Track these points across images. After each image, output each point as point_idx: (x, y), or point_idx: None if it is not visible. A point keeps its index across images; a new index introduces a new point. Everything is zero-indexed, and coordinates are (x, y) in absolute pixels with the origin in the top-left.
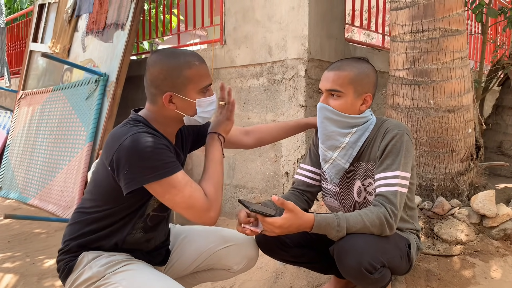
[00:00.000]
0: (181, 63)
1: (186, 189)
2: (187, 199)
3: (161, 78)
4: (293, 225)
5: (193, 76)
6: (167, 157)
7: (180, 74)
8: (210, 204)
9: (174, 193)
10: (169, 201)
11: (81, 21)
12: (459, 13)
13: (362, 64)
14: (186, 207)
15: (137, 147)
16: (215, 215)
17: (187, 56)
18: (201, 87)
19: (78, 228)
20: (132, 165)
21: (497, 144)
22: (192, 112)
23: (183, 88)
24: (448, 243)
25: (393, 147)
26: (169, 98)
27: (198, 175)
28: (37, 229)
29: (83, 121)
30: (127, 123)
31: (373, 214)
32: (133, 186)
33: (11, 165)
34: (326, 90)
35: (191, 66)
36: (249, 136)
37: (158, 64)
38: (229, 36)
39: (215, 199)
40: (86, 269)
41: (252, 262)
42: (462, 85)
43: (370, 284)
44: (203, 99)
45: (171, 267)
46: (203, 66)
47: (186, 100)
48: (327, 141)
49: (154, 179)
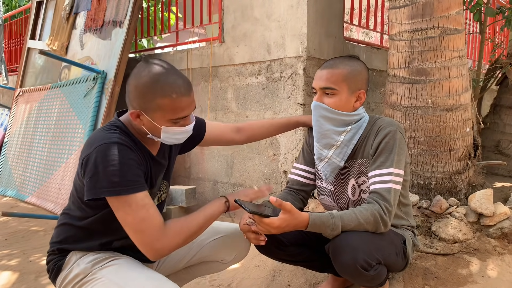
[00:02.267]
0: (157, 90)
1: (141, 212)
2: (139, 222)
3: (134, 94)
4: (289, 225)
5: (166, 106)
6: (131, 174)
7: (152, 100)
8: (162, 237)
9: (128, 212)
10: (120, 218)
11: (79, 18)
12: (458, 12)
13: (354, 62)
14: (135, 230)
15: (105, 157)
16: (162, 248)
17: (167, 84)
18: (172, 118)
19: (64, 230)
20: (96, 174)
21: (494, 143)
22: (158, 135)
23: (152, 113)
24: (446, 241)
25: (386, 145)
26: (136, 114)
27: (196, 174)
28: (35, 227)
29: (81, 119)
30: (105, 127)
31: (367, 212)
32: (91, 195)
33: (8, 163)
34: (320, 89)
35: (166, 97)
36: (240, 133)
37: (137, 79)
38: (227, 34)
39: (171, 237)
40: (74, 267)
41: (244, 252)
42: (460, 84)
43: (366, 281)
44: (170, 128)
45: (163, 263)
46: (182, 99)
47: (152, 123)
48: (322, 140)
49: (112, 193)
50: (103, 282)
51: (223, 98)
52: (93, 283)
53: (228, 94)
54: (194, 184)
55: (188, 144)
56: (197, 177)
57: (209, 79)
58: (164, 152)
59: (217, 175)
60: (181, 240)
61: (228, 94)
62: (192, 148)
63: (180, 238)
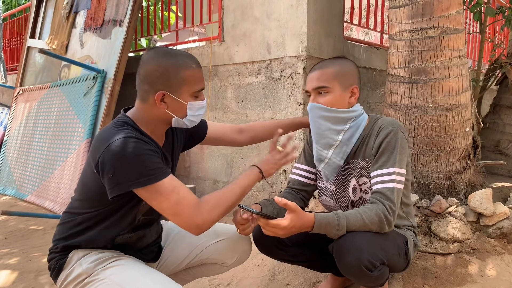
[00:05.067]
0: (179, 63)
1: (173, 196)
2: (173, 205)
3: (156, 75)
4: (296, 226)
5: (189, 78)
6: (153, 163)
7: (177, 74)
8: (200, 213)
9: (160, 199)
10: (156, 206)
11: (79, 17)
12: (458, 11)
13: (342, 60)
14: (172, 214)
15: (122, 152)
16: (203, 224)
17: (185, 57)
18: (195, 91)
19: (67, 228)
20: (117, 170)
21: (494, 143)
22: (182, 115)
23: (178, 89)
24: (445, 241)
25: (388, 144)
26: (161, 97)
27: (196, 173)
28: (34, 225)
29: (81, 118)
30: (115, 124)
31: (372, 212)
32: (117, 191)
33: (8, 162)
34: (313, 90)
35: (189, 68)
36: (242, 134)
37: (155, 61)
38: (227, 33)
39: (207, 212)
40: (76, 266)
41: (245, 256)
42: (460, 84)
43: (369, 281)
44: (194, 103)
45: (164, 263)
46: (199, 70)
47: (178, 101)
48: (321, 140)
49: (139, 185)
50: (107, 284)
51: (223, 98)
52: (96, 284)
53: (228, 94)
54: (194, 183)
55: (189, 142)
56: (196, 176)
57: (209, 78)
58: (168, 147)
59: (216, 174)
60: (220, 213)
61: (228, 93)
62: (193, 146)
63: (216, 212)
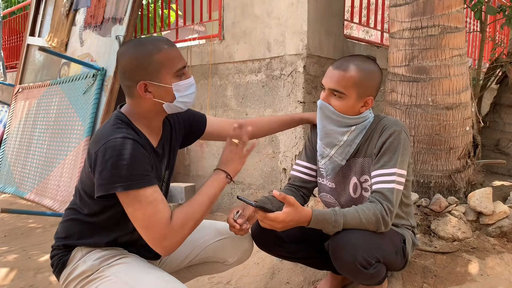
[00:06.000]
0: (150, 49)
1: (150, 207)
2: (147, 218)
3: (132, 68)
4: (293, 220)
5: (164, 60)
6: (140, 169)
7: (151, 60)
8: (169, 233)
9: (137, 207)
10: (130, 214)
11: (79, 15)
12: (458, 10)
13: (369, 66)
14: (143, 226)
15: (114, 153)
16: (170, 245)
17: (155, 41)
18: (175, 70)
19: (69, 226)
20: (105, 170)
21: (494, 142)
22: (171, 98)
23: (157, 74)
24: (445, 240)
25: (390, 144)
26: (144, 87)
27: (196, 171)
28: (34, 223)
29: (81, 116)
30: (113, 122)
31: (369, 211)
32: (101, 192)
33: (8, 160)
34: (328, 89)
35: (161, 50)
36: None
37: (127, 54)
38: (227, 31)
39: (177, 230)
40: (80, 263)
41: (247, 255)
42: (461, 83)
43: (365, 279)
44: (179, 83)
45: (166, 261)
46: (173, 48)
47: (162, 86)
48: (325, 138)
49: (121, 189)
50: (112, 281)
51: (222, 96)
52: (102, 281)
53: (227, 92)
54: (194, 181)
55: (188, 136)
56: (196, 174)
57: (209, 77)
58: (164, 144)
59: None
60: (187, 229)
61: (228, 91)
62: (193, 141)
63: (186, 228)
